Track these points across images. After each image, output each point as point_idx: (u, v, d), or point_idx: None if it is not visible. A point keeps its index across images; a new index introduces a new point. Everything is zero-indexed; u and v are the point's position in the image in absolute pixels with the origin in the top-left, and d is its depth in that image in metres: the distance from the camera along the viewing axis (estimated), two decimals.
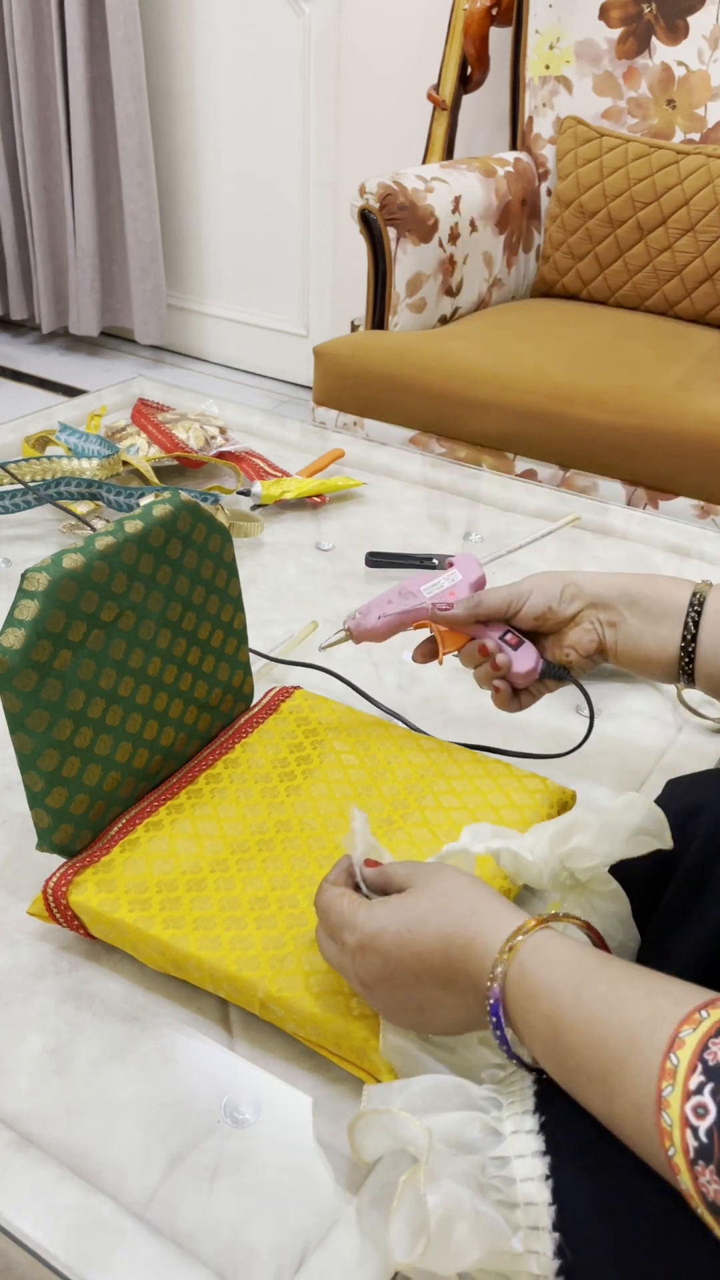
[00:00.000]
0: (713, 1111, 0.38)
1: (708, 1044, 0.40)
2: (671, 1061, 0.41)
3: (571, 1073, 0.45)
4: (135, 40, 2.57)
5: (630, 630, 0.71)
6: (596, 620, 0.72)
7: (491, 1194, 0.45)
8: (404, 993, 0.53)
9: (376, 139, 2.53)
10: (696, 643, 0.68)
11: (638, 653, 0.71)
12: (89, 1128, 0.55)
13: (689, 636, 0.68)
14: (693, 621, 0.68)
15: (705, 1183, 0.38)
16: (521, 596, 0.74)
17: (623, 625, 0.71)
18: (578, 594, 0.73)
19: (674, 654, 0.69)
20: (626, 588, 0.72)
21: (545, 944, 0.49)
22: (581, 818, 0.60)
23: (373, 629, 0.77)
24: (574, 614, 0.73)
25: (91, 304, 2.87)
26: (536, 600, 0.73)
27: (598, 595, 0.72)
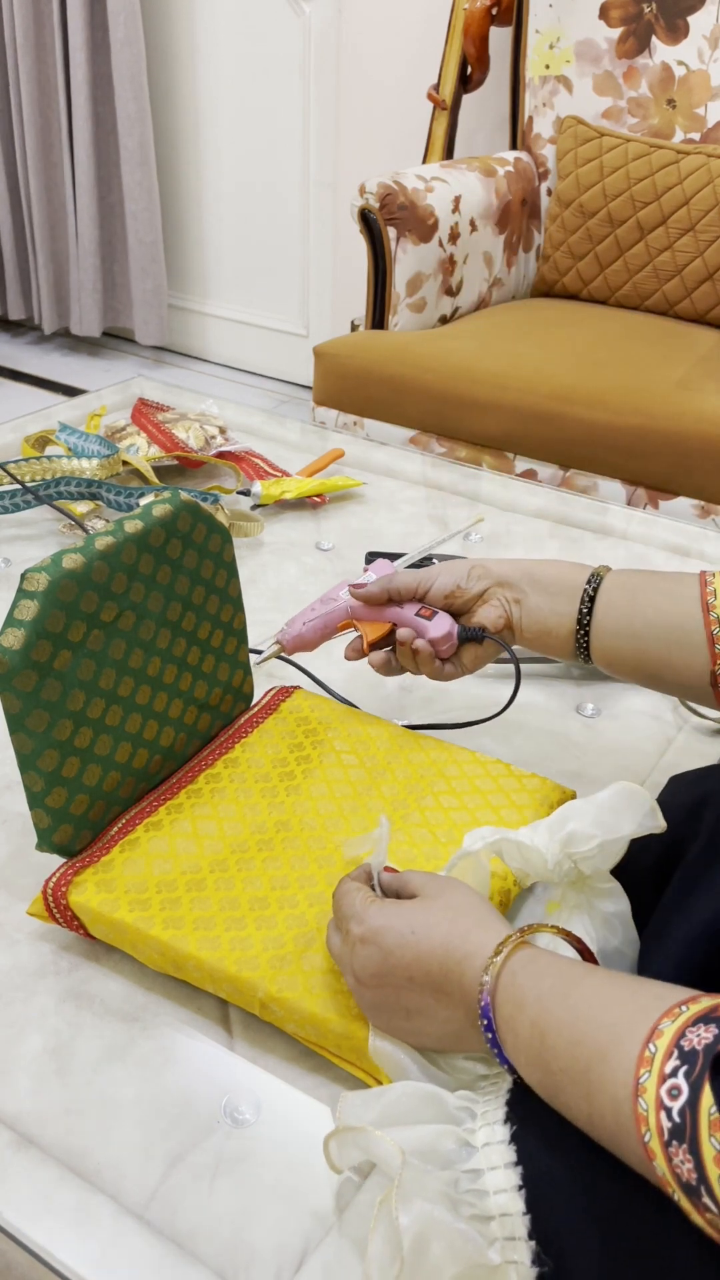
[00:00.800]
0: (685, 1092, 0.39)
1: (684, 1032, 0.41)
2: (650, 1050, 0.41)
3: (555, 1075, 0.46)
4: (136, 40, 2.57)
5: (532, 606, 0.75)
6: (503, 598, 0.76)
7: (465, 1209, 0.45)
8: (395, 994, 0.53)
9: (376, 139, 2.53)
10: (592, 618, 0.72)
11: (540, 628, 0.74)
12: (89, 1128, 0.55)
13: (585, 612, 0.72)
14: (589, 598, 0.72)
15: (679, 1163, 0.39)
16: (430, 577, 0.78)
17: (526, 601, 0.75)
18: (484, 574, 0.77)
19: (571, 629, 0.73)
20: (530, 569, 0.76)
21: (538, 957, 0.50)
22: (575, 805, 0.61)
23: (299, 635, 0.81)
24: (481, 591, 0.76)
25: (93, 304, 2.87)
26: (444, 580, 0.77)
27: (504, 575, 0.76)
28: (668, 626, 0.69)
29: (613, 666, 0.73)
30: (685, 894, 0.59)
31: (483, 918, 0.53)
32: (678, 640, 0.69)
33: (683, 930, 0.56)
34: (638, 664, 0.71)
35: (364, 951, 0.54)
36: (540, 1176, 0.46)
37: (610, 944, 0.61)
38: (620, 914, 0.61)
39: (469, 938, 0.52)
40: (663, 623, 0.70)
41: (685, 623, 0.69)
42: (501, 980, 0.49)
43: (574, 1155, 0.45)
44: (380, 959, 0.53)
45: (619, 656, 0.72)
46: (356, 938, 0.54)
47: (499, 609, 0.75)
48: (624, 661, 0.72)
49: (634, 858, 0.63)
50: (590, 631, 0.72)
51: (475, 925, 0.53)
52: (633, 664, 0.72)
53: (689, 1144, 0.38)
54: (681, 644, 0.69)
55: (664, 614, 0.70)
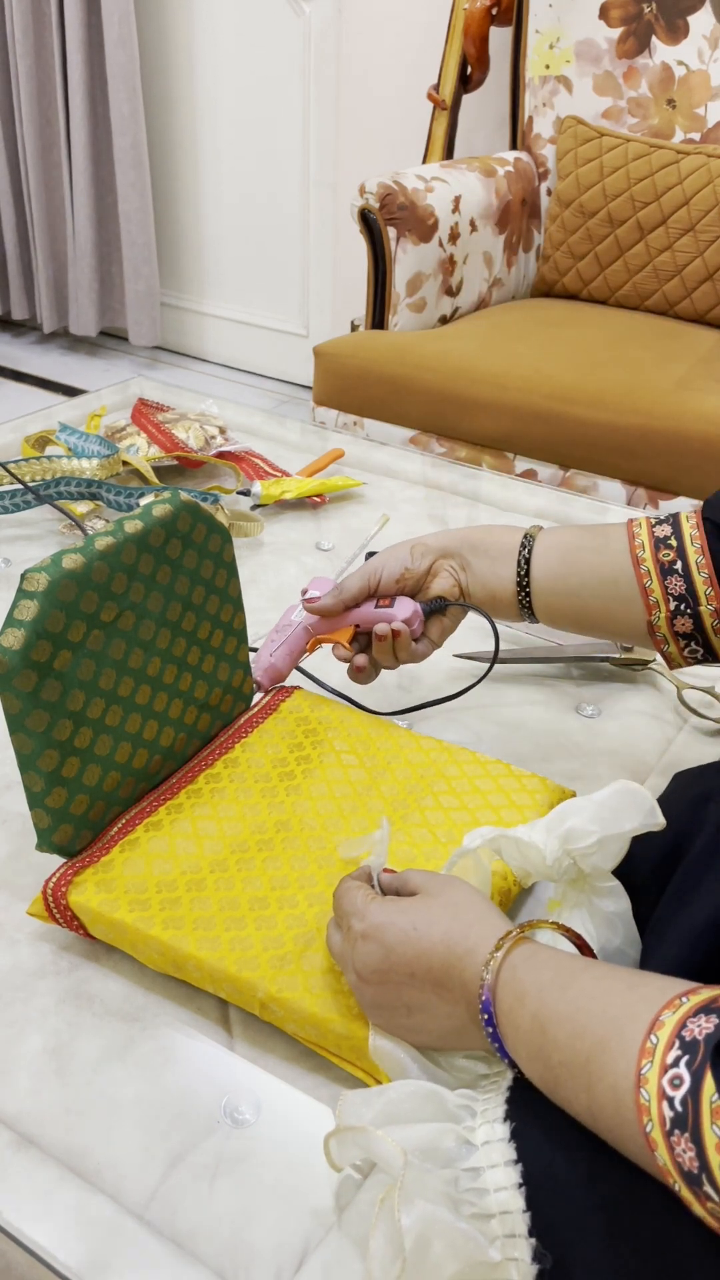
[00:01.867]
0: (687, 1081, 0.39)
1: (685, 1023, 0.41)
2: (651, 1041, 0.41)
3: (555, 1068, 0.46)
4: (130, 40, 2.57)
5: (476, 571, 0.77)
6: (450, 566, 0.78)
7: (466, 1207, 0.45)
8: (396, 990, 0.53)
9: (376, 139, 2.53)
10: (530, 579, 0.75)
11: (484, 592, 0.77)
12: (89, 1128, 0.55)
13: (523, 574, 0.75)
14: (524, 561, 0.75)
15: (680, 1151, 0.39)
16: (377, 570, 0.79)
17: (470, 567, 0.78)
18: (426, 550, 0.79)
19: (512, 591, 0.76)
20: (468, 536, 0.78)
21: (538, 951, 0.50)
22: (574, 803, 0.61)
23: (272, 667, 0.82)
24: (428, 567, 0.78)
25: (90, 304, 2.88)
26: (391, 567, 0.79)
27: (444, 546, 0.79)
28: (600, 580, 0.73)
29: (555, 623, 0.77)
30: (687, 892, 0.59)
31: (484, 914, 0.53)
32: (612, 594, 0.72)
33: (684, 928, 0.56)
34: (578, 618, 0.75)
35: (365, 948, 0.54)
36: (540, 1173, 0.46)
37: (611, 943, 0.61)
38: (621, 913, 0.61)
39: (470, 933, 0.52)
40: (595, 578, 0.73)
41: (618, 576, 0.72)
42: (502, 975, 0.49)
43: (574, 1151, 0.45)
44: (381, 955, 0.53)
45: (559, 613, 0.76)
46: (358, 934, 0.54)
47: (449, 578, 0.78)
48: (565, 617, 0.76)
49: (635, 857, 0.63)
50: (530, 592, 0.75)
51: (476, 921, 0.53)
52: (573, 619, 0.76)
53: (691, 1132, 0.38)
54: (616, 597, 0.72)
55: (595, 570, 0.73)
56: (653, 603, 0.71)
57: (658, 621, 0.71)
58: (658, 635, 0.72)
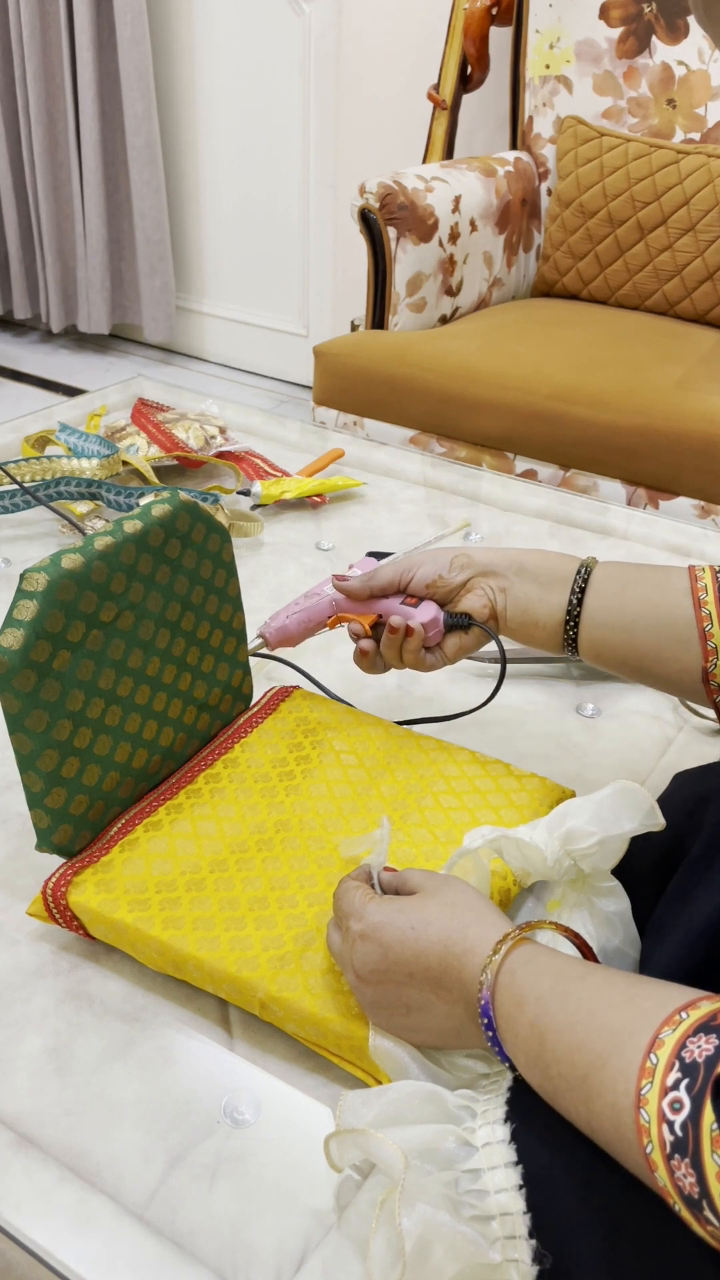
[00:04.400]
0: (687, 1105, 0.39)
1: (685, 1043, 0.40)
2: (651, 1061, 0.41)
3: (554, 1079, 0.45)
4: (143, 39, 2.58)
5: (519, 595, 0.73)
6: (488, 586, 0.74)
7: (466, 1209, 0.45)
8: (395, 990, 0.53)
9: (376, 139, 2.53)
10: (582, 609, 0.71)
11: (525, 618, 0.73)
12: (89, 1128, 0.55)
13: (575, 603, 0.71)
14: (579, 589, 0.71)
15: (681, 1176, 0.39)
16: (413, 566, 0.76)
17: (512, 590, 0.73)
18: (468, 563, 0.75)
19: (560, 619, 0.71)
20: (517, 558, 0.74)
21: (537, 955, 0.50)
22: (575, 803, 0.61)
23: (283, 628, 0.80)
24: (464, 581, 0.75)
25: (101, 302, 2.88)
26: (426, 570, 0.76)
27: (489, 564, 0.75)
28: (658, 620, 0.68)
29: (600, 659, 0.72)
30: (686, 893, 0.59)
31: (482, 913, 0.53)
32: (669, 635, 0.68)
33: (683, 929, 0.56)
34: (626, 657, 0.70)
35: (363, 948, 0.54)
36: (540, 1175, 0.46)
37: (611, 943, 0.61)
38: (621, 913, 0.61)
39: (468, 933, 0.52)
40: (653, 616, 0.69)
41: (676, 616, 0.68)
42: (501, 978, 0.49)
43: (574, 1153, 0.45)
44: (380, 955, 0.53)
45: (608, 649, 0.71)
46: (356, 934, 0.54)
47: (484, 598, 0.74)
48: (612, 654, 0.71)
49: (634, 857, 0.63)
50: (580, 622, 0.71)
51: (474, 920, 0.53)
52: (621, 656, 0.70)
53: (691, 1158, 0.38)
54: (672, 638, 0.68)
55: (655, 607, 0.69)
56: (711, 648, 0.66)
57: (715, 669, 0.67)
58: (713, 684, 0.67)
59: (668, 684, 0.70)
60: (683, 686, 0.69)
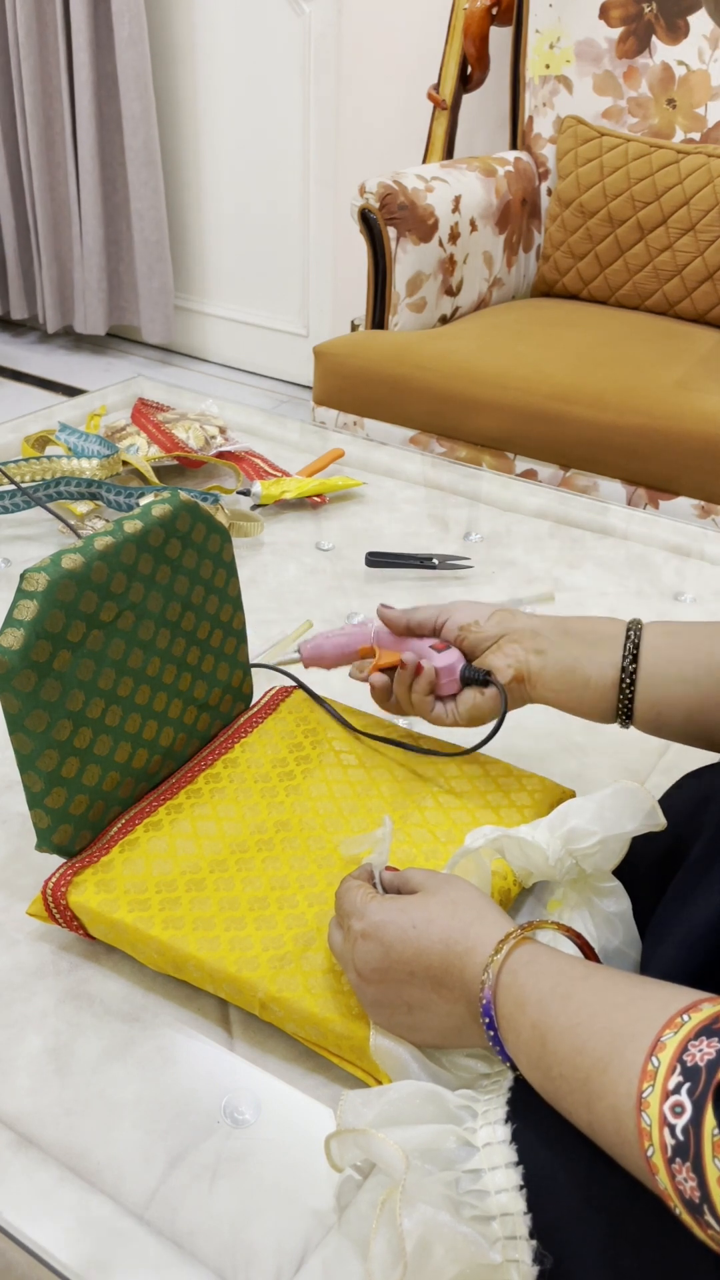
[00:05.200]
0: (689, 1109, 0.39)
1: (686, 1046, 0.40)
2: (653, 1064, 0.41)
3: (555, 1081, 0.46)
4: (141, 40, 2.58)
5: (563, 656, 0.68)
6: (519, 647, 0.70)
7: (467, 1210, 0.45)
8: (396, 988, 0.53)
9: (376, 139, 2.53)
10: (638, 664, 0.66)
11: (572, 678, 0.67)
12: (89, 1128, 0.55)
13: (630, 658, 0.66)
14: (634, 644, 0.66)
15: (682, 1180, 0.39)
16: (452, 609, 0.75)
17: (553, 652, 0.69)
18: (506, 621, 0.72)
19: (613, 678, 0.66)
20: (559, 621, 0.70)
21: (539, 955, 0.50)
22: (576, 803, 0.62)
23: (318, 647, 0.80)
24: (496, 637, 0.72)
25: (98, 303, 2.88)
26: (463, 614, 0.74)
27: (528, 626, 0.71)
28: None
29: (661, 719, 0.67)
30: (687, 894, 0.59)
31: (483, 912, 0.53)
32: None
33: (684, 930, 0.56)
34: (692, 713, 0.65)
35: (365, 947, 0.54)
36: (541, 1175, 0.46)
37: (611, 944, 0.61)
38: (621, 914, 0.61)
39: (469, 932, 0.52)
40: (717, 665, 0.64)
41: None
42: (502, 978, 0.49)
43: (575, 1153, 0.45)
44: (381, 954, 0.53)
45: (671, 708, 0.66)
46: (357, 933, 0.55)
47: (511, 659, 0.70)
48: (676, 714, 0.66)
49: (635, 857, 0.63)
50: (636, 681, 0.66)
51: (476, 919, 0.53)
52: (686, 715, 0.65)
53: (692, 1162, 0.38)
54: None
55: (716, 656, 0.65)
56: None
57: None
58: None
59: None
60: None
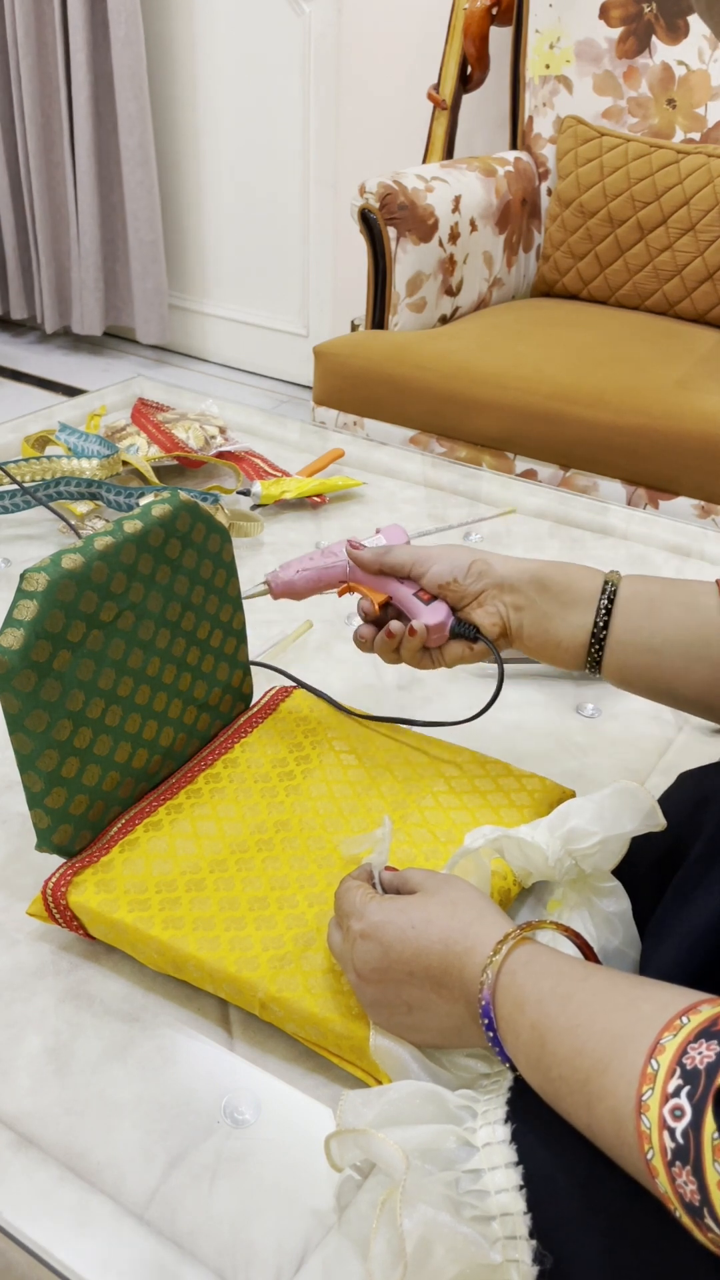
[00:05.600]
0: (688, 1113, 0.39)
1: (686, 1049, 0.40)
2: (652, 1066, 0.41)
3: (554, 1082, 0.45)
4: (137, 40, 2.58)
5: (538, 614, 0.70)
6: (501, 602, 0.71)
7: (467, 1210, 0.45)
8: (396, 989, 0.53)
9: (376, 139, 2.53)
10: (608, 630, 0.68)
11: (545, 638, 0.70)
12: (89, 1128, 0.55)
13: (601, 624, 0.68)
14: (605, 609, 0.68)
15: (682, 1184, 0.38)
16: (428, 560, 0.73)
17: (530, 609, 0.70)
18: (485, 572, 0.72)
19: (584, 641, 0.69)
20: (537, 573, 0.71)
21: (538, 955, 0.50)
22: (576, 803, 0.62)
23: (290, 583, 0.78)
24: (478, 592, 0.72)
25: (95, 303, 2.88)
26: (441, 569, 0.72)
27: (505, 577, 0.71)
28: (688, 642, 0.66)
29: (626, 682, 0.69)
30: (686, 894, 0.59)
31: (483, 912, 0.53)
32: (698, 656, 0.66)
33: (683, 931, 0.56)
34: (654, 680, 0.68)
35: (364, 947, 0.54)
36: (541, 1175, 0.46)
37: (611, 944, 0.61)
38: (621, 914, 0.61)
39: (468, 932, 0.52)
40: (683, 637, 0.67)
41: (709, 637, 0.66)
42: (501, 979, 0.49)
43: (575, 1153, 0.45)
44: (380, 954, 0.53)
45: (635, 672, 0.68)
46: (357, 933, 0.54)
47: (495, 615, 0.71)
48: (640, 677, 0.69)
49: (635, 857, 0.63)
50: (605, 645, 0.68)
51: (475, 919, 0.53)
52: (649, 680, 0.68)
53: (692, 1166, 0.38)
54: (701, 659, 0.66)
55: (683, 628, 0.67)
56: None
57: None
58: None
59: (697, 706, 0.68)
60: (713, 709, 0.67)
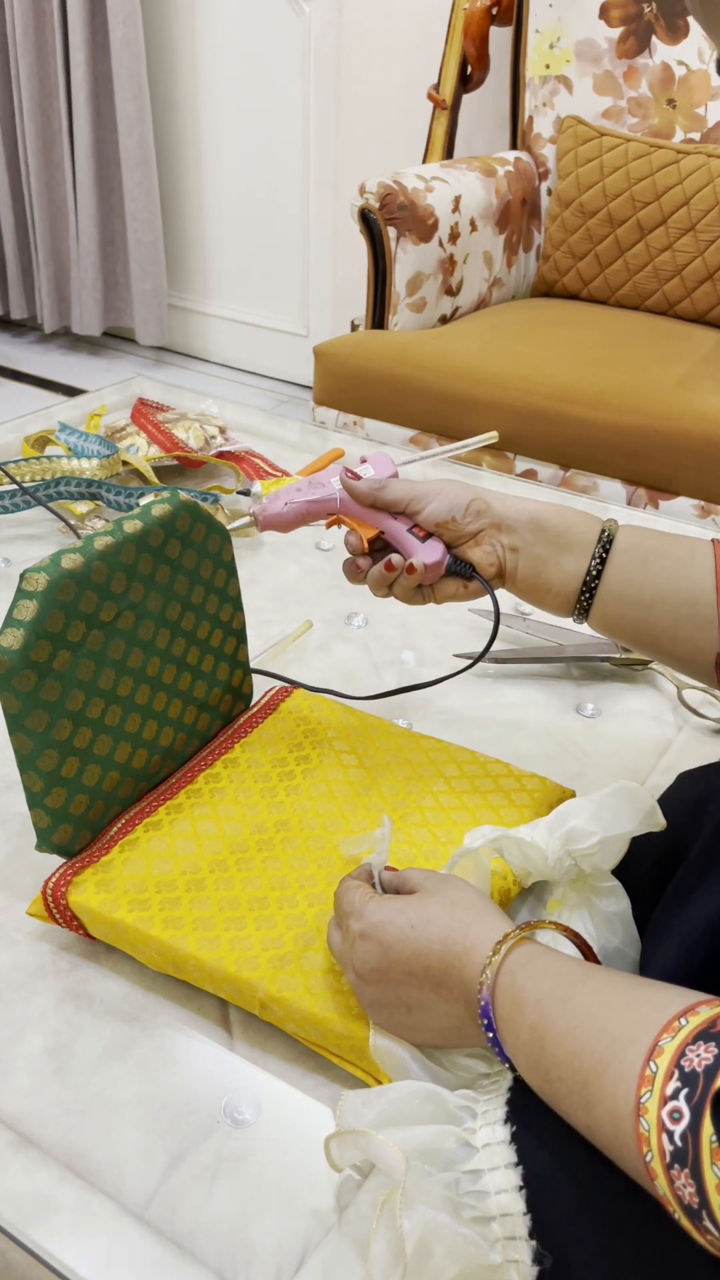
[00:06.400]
0: (687, 1116, 0.39)
1: (684, 1051, 0.40)
2: (651, 1069, 0.41)
3: (554, 1083, 0.45)
4: (136, 40, 2.58)
5: (533, 557, 0.70)
6: (498, 542, 0.71)
7: (466, 1210, 0.45)
8: (395, 989, 0.53)
9: (376, 139, 2.53)
10: (600, 580, 0.68)
11: (538, 581, 0.70)
12: (89, 1128, 0.55)
13: (594, 572, 0.68)
14: (599, 558, 0.68)
15: (680, 1186, 0.38)
16: (426, 496, 0.72)
17: (526, 551, 0.70)
18: (484, 511, 0.71)
19: (575, 589, 0.69)
20: (535, 514, 0.70)
21: (537, 956, 0.50)
22: (575, 803, 0.62)
23: (278, 514, 0.76)
24: (476, 531, 0.71)
25: (94, 304, 2.88)
26: (439, 506, 0.71)
27: (504, 517, 0.71)
28: (679, 599, 0.66)
29: (609, 630, 0.69)
30: (686, 894, 0.59)
31: (482, 912, 0.53)
32: (687, 615, 0.66)
33: (683, 931, 0.56)
34: (639, 632, 0.68)
35: (363, 947, 0.54)
36: (541, 1176, 0.46)
37: (611, 944, 0.61)
38: (621, 913, 0.61)
39: (468, 932, 0.52)
40: (674, 594, 0.66)
41: (698, 596, 0.66)
42: (500, 979, 0.49)
43: (574, 1154, 0.45)
44: (380, 954, 0.53)
45: (620, 623, 0.68)
46: (356, 933, 0.54)
47: (492, 555, 0.71)
48: (625, 628, 0.69)
49: (635, 857, 0.63)
50: (595, 595, 0.68)
51: (474, 919, 0.53)
52: (633, 632, 0.68)
53: (691, 1169, 0.38)
54: (690, 618, 0.66)
55: (676, 585, 0.66)
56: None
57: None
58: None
59: (678, 661, 0.68)
60: (694, 666, 0.67)
